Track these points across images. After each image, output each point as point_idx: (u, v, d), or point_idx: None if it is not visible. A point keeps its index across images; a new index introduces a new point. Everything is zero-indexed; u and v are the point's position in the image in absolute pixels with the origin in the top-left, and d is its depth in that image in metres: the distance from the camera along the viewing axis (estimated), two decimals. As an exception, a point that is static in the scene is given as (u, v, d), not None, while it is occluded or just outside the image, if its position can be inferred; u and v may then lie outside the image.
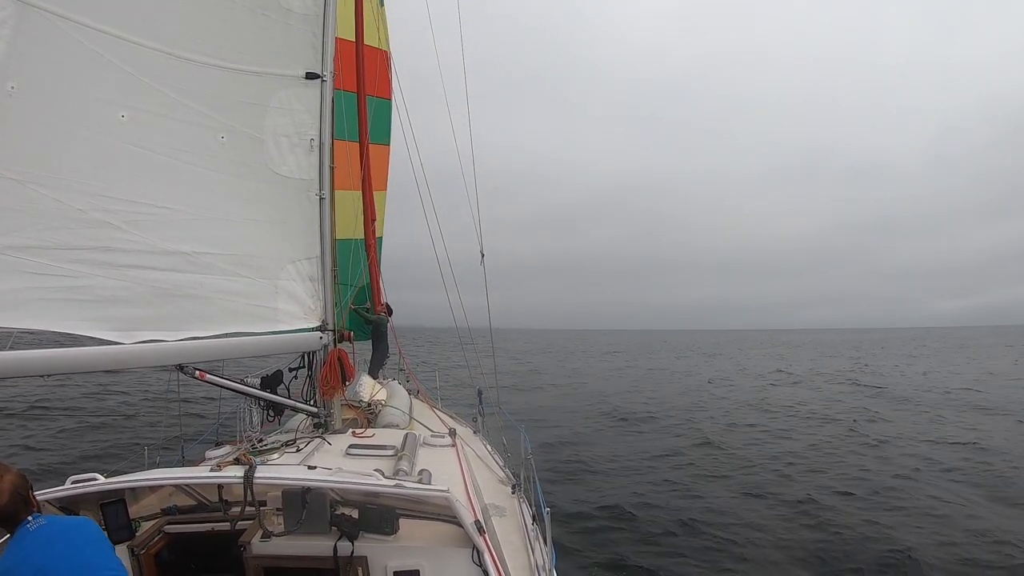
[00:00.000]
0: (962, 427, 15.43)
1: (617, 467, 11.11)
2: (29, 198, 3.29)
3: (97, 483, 3.18)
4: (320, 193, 4.65)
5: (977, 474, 10.71)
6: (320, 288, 4.78)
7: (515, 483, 4.84)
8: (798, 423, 16.01)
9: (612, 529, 7.82)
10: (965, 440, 13.60)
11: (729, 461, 11.66)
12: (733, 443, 13.27)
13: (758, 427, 15.48)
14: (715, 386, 26.11)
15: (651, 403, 20.08)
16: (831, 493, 9.39)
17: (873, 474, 10.63)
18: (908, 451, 12.51)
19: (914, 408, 18.92)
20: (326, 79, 4.57)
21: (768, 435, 14.38)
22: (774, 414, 17.70)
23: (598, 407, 18.84)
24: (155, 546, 3.55)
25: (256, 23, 4.18)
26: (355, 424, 5.45)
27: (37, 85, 3.33)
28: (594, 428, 15.35)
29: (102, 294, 3.54)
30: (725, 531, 7.69)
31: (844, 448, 12.75)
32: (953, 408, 18.89)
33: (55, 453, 10.58)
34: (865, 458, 11.83)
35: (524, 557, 3.62)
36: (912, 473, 10.66)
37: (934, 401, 20.62)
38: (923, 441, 13.55)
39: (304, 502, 3.47)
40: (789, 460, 11.61)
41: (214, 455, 4.13)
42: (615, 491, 9.45)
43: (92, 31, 3.47)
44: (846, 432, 14.57)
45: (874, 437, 13.81)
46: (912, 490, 9.64)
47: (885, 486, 9.82)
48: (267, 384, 4.81)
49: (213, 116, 4.06)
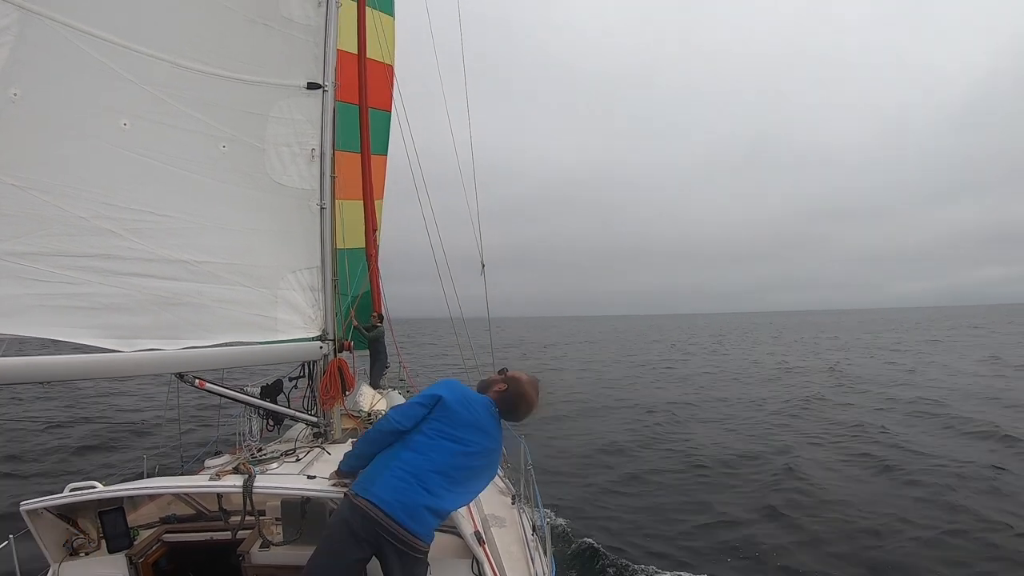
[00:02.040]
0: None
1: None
2: (30, 204, 3.29)
3: (96, 491, 3.16)
4: (321, 203, 4.66)
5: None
6: (320, 298, 4.78)
7: (515, 493, 4.82)
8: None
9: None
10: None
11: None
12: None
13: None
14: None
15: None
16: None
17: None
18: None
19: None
20: (327, 89, 4.59)
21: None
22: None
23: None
24: (153, 555, 3.53)
25: (257, 33, 4.20)
26: (355, 434, 5.42)
27: (40, 92, 3.34)
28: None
29: (102, 301, 3.53)
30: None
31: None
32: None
33: (53, 461, 10.54)
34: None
35: (524, 568, 3.60)
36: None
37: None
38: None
39: (303, 512, 3.46)
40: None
41: (213, 464, 4.12)
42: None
43: (95, 39, 3.49)
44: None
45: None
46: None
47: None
48: (267, 393, 4.79)
49: (214, 125, 4.07)
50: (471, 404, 3.06)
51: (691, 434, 13.29)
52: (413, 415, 2.97)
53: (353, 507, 2.76)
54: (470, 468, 3.00)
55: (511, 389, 3.16)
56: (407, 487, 2.78)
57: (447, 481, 2.89)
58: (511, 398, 3.15)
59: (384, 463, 2.88)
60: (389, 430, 2.95)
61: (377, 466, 2.90)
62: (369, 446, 3.03)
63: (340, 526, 2.77)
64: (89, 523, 3.44)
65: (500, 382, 3.21)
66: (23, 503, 3.10)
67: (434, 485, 2.84)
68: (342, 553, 2.74)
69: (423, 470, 2.84)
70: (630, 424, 14.51)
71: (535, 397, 3.18)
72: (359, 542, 2.73)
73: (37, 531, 3.18)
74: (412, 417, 2.96)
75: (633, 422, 14.75)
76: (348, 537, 2.73)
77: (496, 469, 3.35)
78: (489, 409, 3.12)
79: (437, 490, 2.85)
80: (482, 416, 3.06)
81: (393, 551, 2.73)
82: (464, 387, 3.17)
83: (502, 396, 3.16)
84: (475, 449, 2.98)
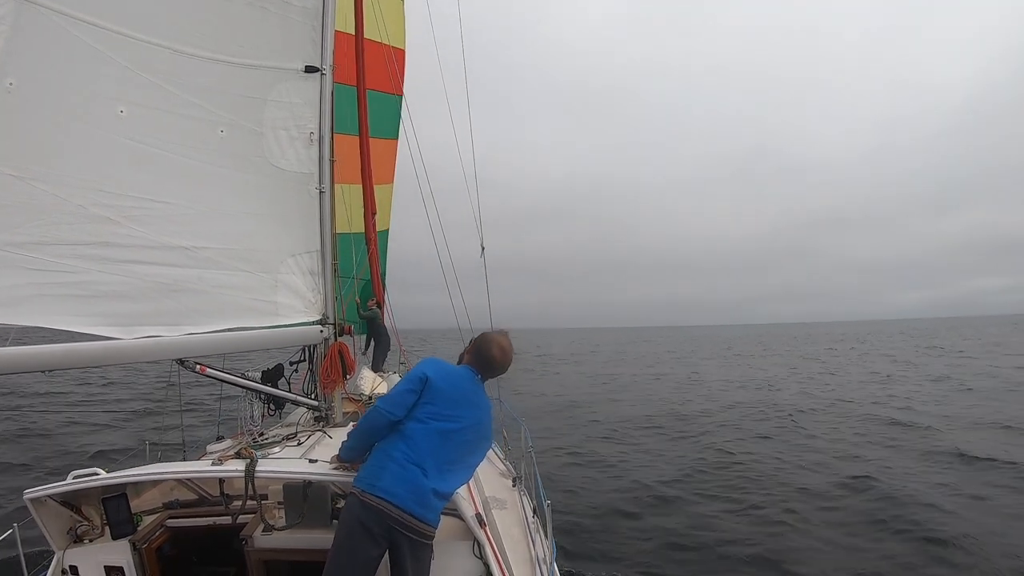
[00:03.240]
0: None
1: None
2: (28, 194, 3.28)
3: (98, 478, 3.19)
4: (320, 187, 4.64)
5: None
6: (320, 282, 4.78)
7: (516, 476, 4.85)
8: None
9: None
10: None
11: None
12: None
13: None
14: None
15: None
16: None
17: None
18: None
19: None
20: (325, 72, 4.54)
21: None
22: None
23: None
24: (157, 540, 3.57)
25: (254, 16, 4.15)
26: (356, 417, 5.46)
27: (35, 81, 3.31)
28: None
29: (101, 289, 3.53)
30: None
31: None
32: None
33: (57, 448, 10.62)
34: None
35: (525, 550, 3.64)
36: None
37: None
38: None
39: (305, 496, 3.49)
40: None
41: (215, 449, 4.15)
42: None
43: (90, 26, 3.45)
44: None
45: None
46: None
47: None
48: (267, 378, 4.82)
49: (212, 110, 4.04)
50: (456, 379, 3.10)
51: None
52: (404, 403, 2.97)
53: (364, 505, 2.78)
54: (466, 443, 3.04)
55: (479, 343, 3.20)
56: (412, 476, 2.81)
57: (448, 462, 2.93)
58: (481, 349, 3.19)
59: (385, 454, 2.90)
60: (382, 423, 2.96)
61: (379, 458, 2.92)
62: (364, 439, 3.05)
63: (354, 525, 2.80)
64: (92, 510, 3.48)
65: (470, 344, 3.27)
66: (27, 491, 3.13)
67: (436, 468, 2.88)
68: (359, 552, 2.78)
69: (423, 455, 2.87)
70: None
71: (507, 344, 3.21)
72: (374, 539, 2.77)
73: (41, 519, 3.21)
74: (403, 405, 2.97)
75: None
76: (363, 535, 2.77)
77: (490, 438, 3.41)
78: (471, 378, 3.15)
79: (440, 473, 2.89)
80: (468, 388, 3.10)
81: (406, 541, 2.78)
82: (446, 363, 3.19)
83: (474, 356, 3.20)
84: (468, 423, 3.02)
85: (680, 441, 13.37)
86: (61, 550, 3.32)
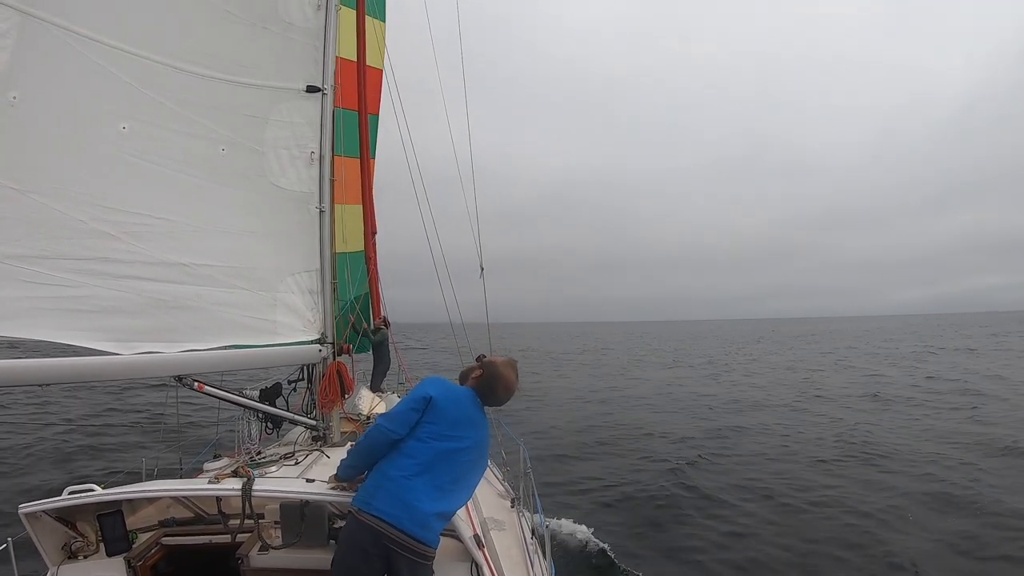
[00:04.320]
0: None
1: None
2: (29, 207, 3.29)
3: (94, 494, 3.15)
4: (320, 206, 4.66)
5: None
6: (319, 301, 4.77)
7: (514, 497, 4.80)
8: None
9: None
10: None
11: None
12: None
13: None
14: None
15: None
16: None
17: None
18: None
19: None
20: (327, 92, 4.59)
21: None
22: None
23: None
24: (152, 558, 3.52)
25: (257, 36, 4.21)
26: (354, 437, 5.41)
27: (39, 96, 3.34)
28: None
29: (100, 304, 3.53)
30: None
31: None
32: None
33: (52, 463, 10.53)
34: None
35: (523, 571, 3.59)
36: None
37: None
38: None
39: (302, 515, 3.45)
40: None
41: (212, 467, 4.11)
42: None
43: (94, 43, 3.50)
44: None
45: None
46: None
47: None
48: (266, 396, 4.79)
49: (214, 128, 4.07)
50: (458, 399, 3.06)
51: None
52: (406, 421, 2.93)
53: (360, 524, 2.74)
54: (465, 463, 3.00)
55: (487, 373, 3.16)
56: (410, 496, 2.77)
57: (447, 482, 2.89)
58: (489, 382, 3.15)
59: (383, 473, 2.85)
60: (384, 441, 2.91)
61: (377, 477, 2.87)
62: (364, 457, 2.99)
63: (351, 545, 2.77)
64: (88, 526, 3.43)
65: (477, 368, 3.22)
66: (21, 506, 3.09)
67: (436, 488, 2.84)
68: (356, 572, 2.75)
69: (423, 476, 2.83)
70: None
71: (513, 378, 3.18)
72: (371, 559, 2.72)
73: (35, 534, 3.17)
74: (406, 423, 2.92)
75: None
76: (360, 555, 2.73)
77: (487, 459, 3.37)
78: (473, 400, 3.12)
79: (440, 493, 2.84)
80: (469, 409, 3.07)
81: (405, 562, 2.73)
82: (449, 383, 3.16)
83: (480, 383, 3.17)
84: (468, 444, 2.99)
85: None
86: (55, 566, 3.27)
